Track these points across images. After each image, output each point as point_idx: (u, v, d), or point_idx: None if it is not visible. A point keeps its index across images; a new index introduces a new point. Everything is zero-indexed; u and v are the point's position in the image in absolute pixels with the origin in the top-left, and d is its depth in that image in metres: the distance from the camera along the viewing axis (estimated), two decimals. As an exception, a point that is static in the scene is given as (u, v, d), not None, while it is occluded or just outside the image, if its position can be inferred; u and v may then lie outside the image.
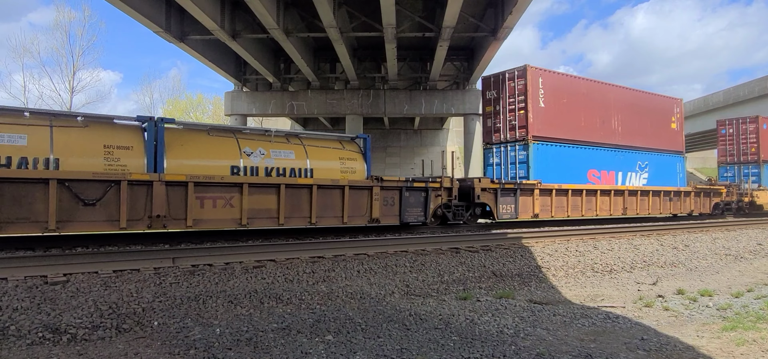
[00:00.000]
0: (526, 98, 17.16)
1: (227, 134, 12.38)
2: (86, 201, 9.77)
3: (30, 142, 9.66)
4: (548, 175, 17.32)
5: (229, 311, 6.91)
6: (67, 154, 9.92)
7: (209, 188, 11.00)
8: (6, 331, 5.63)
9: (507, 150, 17.95)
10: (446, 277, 9.57)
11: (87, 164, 10.05)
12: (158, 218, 10.41)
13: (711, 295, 8.94)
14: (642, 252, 13.00)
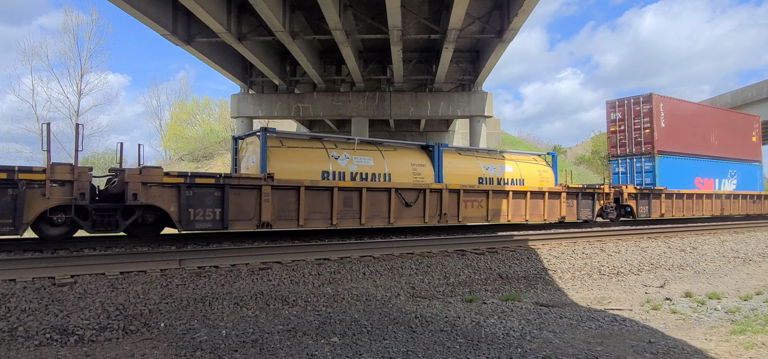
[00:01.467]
0: (652, 119, 21.19)
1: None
2: (407, 203, 13.72)
3: (375, 162, 14.24)
4: (668, 182, 21.09)
5: (235, 312, 6.93)
6: (394, 170, 14.43)
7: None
8: (14, 332, 5.67)
9: (632, 161, 21.89)
10: (452, 279, 9.55)
11: (406, 177, 14.58)
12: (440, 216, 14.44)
13: (719, 298, 8.87)
14: (649, 255, 12.92)
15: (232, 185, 11.16)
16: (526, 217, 15.96)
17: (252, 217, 11.40)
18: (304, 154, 13.41)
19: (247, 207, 11.35)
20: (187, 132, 56.34)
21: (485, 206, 15.14)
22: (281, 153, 12.94)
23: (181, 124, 58.03)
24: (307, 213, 12.07)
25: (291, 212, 11.91)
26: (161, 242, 11.17)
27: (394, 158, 14.85)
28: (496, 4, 23.53)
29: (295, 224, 11.96)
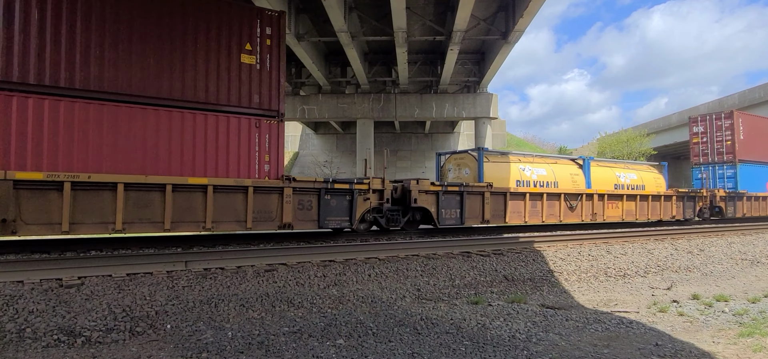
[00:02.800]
0: (733, 132, 24.68)
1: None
2: (571, 206, 17.40)
3: (547, 173, 17.56)
4: (746, 186, 24.40)
5: (241, 314, 6.94)
6: (560, 179, 17.66)
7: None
8: (22, 333, 5.71)
9: (714, 169, 25.24)
10: (457, 281, 9.54)
11: (568, 184, 17.83)
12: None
13: (727, 300, 8.81)
14: (656, 257, 12.86)
15: (468, 191, 14.88)
16: (648, 216, 19.81)
17: (477, 215, 15.17)
18: (504, 167, 16.65)
19: (475, 208, 15.11)
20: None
21: (620, 207, 18.88)
22: (489, 167, 16.33)
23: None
24: (510, 213, 15.82)
25: (500, 212, 15.71)
26: (168, 244, 11.23)
27: (559, 169, 18.24)
28: (502, 5, 23.51)
29: (502, 221, 15.81)
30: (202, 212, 10.76)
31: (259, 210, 11.47)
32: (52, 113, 9.53)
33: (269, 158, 11.99)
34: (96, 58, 10.03)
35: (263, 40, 11.96)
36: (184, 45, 10.98)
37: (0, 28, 9.17)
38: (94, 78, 9.98)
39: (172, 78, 10.81)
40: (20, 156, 9.24)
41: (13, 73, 9.29)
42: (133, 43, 10.41)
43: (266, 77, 12.01)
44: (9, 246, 9.95)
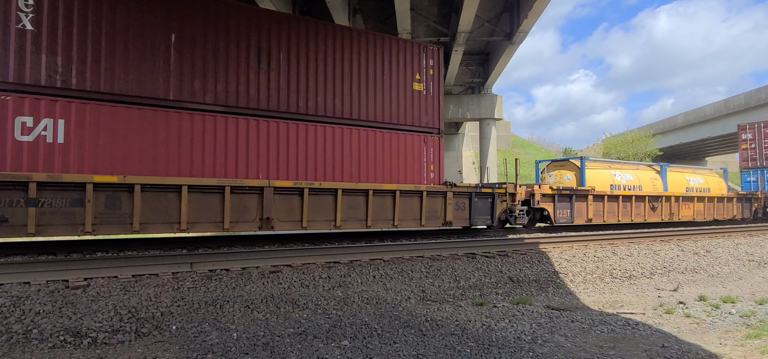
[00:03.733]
0: None
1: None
2: (653, 207, 20.02)
3: (633, 177, 20.03)
4: None
5: (246, 316, 6.95)
6: (643, 183, 20.27)
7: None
8: (29, 334, 5.74)
9: (764, 172, 27.62)
10: (462, 283, 9.52)
11: (650, 188, 20.42)
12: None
13: (734, 302, 8.76)
14: (662, 258, 12.80)
15: (576, 194, 17.49)
16: (714, 215, 22.51)
17: (582, 215, 17.64)
18: (600, 173, 19.13)
19: (582, 209, 17.65)
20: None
21: (691, 208, 21.61)
22: (589, 173, 18.69)
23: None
24: (607, 213, 18.29)
25: (600, 212, 18.26)
26: (174, 245, 11.26)
27: (642, 174, 20.72)
28: (506, 6, 23.49)
29: (601, 220, 18.17)
30: (391, 212, 13.34)
31: (429, 210, 14.01)
32: (313, 135, 12.69)
33: (433, 168, 14.60)
34: (322, 94, 12.99)
35: (427, 69, 14.77)
36: (374, 78, 13.80)
37: (258, 71, 12.10)
38: (319, 108, 12.90)
39: (367, 104, 13.64)
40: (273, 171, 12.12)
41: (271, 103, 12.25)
42: (344, 79, 13.36)
43: (430, 101, 14.76)
44: (16, 247, 10.01)
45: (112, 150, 10.22)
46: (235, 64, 11.71)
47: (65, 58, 9.92)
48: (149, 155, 10.58)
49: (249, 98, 11.85)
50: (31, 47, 9.63)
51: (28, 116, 9.48)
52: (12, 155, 9.31)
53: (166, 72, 10.96)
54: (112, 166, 10.19)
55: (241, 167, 11.60)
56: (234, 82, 11.68)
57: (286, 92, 12.38)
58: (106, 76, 10.29)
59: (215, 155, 11.31)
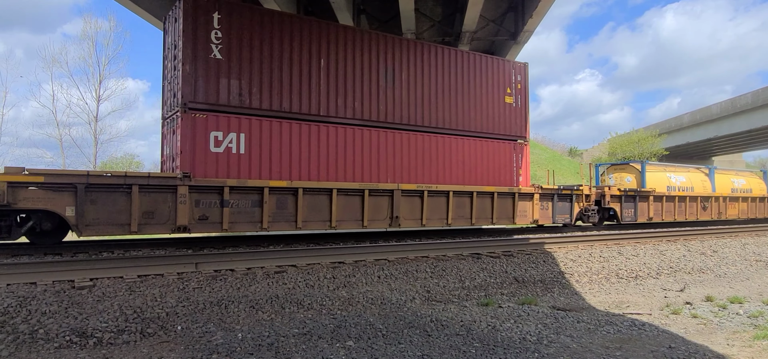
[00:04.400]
0: None
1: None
2: (704, 206, 21.77)
3: (686, 179, 21.77)
4: None
5: (251, 316, 6.96)
6: (694, 185, 21.94)
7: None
8: (35, 334, 5.76)
9: None
10: (467, 283, 9.49)
11: (701, 189, 22.11)
12: None
13: (741, 302, 8.69)
14: (668, 258, 12.72)
15: (640, 195, 19.11)
16: (756, 214, 24.52)
17: (644, 214, 19.31)
18: (658, 176, 20.83)
19: (644, 208, 19.33)
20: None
21: (737, 207, 23.48)
22: (648, 176, 20.23)
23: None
24: (665, 212, 20.15)
25: (659, 211, 19.87)
26: (178, 245, 11.29)
27: (693, 176, 22.43)
28: (511, 6, 23.42)
29: (660, 218, 19.97)
30: (490, 211, 15.03)
31: (520, 210, 15.81)
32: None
33: (521, 172, 16.46)
34: (435, 107, 14.93)
35: (516, 84, 16.67)
36: (474, 92, 15.62)
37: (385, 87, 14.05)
38: (433, 120, 14.83)
39: (469, 116, 15.48)
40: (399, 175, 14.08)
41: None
42: (451, 94, 15.27)
43: (519, 112, 16.62)
44: (22, 248, 10.06)
45: (279, 159, 12.13)
46: (368, 83, 13.71)
47: (245, 81, 11.86)
48: (306, 162, 12.48)
49: (378, 112, 13.81)
50: (220, 73, 11.52)
51: (219, 131, 11.40)
52: (208, 165, 11.21)
53: (317, 92, 12.89)
54: (279, 173, 12.12)
55: (373, 172, 13.55)
56: (367, 99, 13.66)
57: (407, 106, 14.35)
58: (274, 96, 12.23)
59: (353, 163, 13.23)
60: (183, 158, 10.95)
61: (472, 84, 15.63)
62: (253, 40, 11.95)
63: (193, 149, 11.04)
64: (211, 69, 11.37)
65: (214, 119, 11.31)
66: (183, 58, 11.09)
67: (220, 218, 10.94)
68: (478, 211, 14.72)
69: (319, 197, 12.19)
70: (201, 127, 11.15)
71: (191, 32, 11.20)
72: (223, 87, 11.52)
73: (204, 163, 11.13)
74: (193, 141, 11.05)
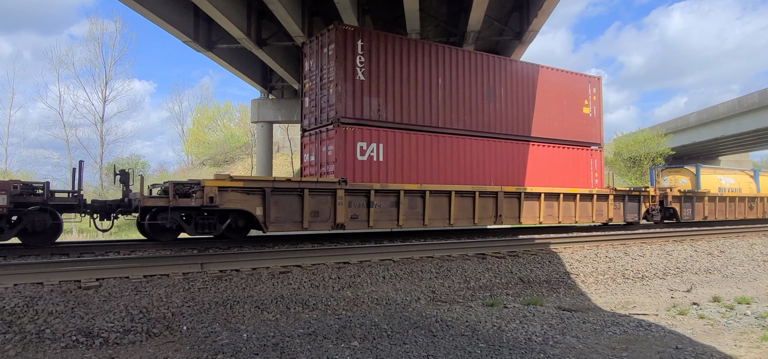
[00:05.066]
0: None
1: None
2: (750, 206, 22.95)
3: (734, 181, 23.80)
4: None
5: (256, 316, 6.97)
6: (742, 186, 23.79)
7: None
8: (42, 334, 5.79)
9: None
10: (473, 283, 9.47)
11: (748, 190, 24.17)
12: None
13: (749, 303, 8.63)
14: (675, 258, 12.65)
15: (696, 196, 20.71)
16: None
17: (700, 213, 20.69)
18: (710, 178, 22.62)
19: (699, 208, 20.81)
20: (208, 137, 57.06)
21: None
22: (703, 178, 22.12)
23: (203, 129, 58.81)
24: (717, 212, 21.50)
25: (712, 210, 21.29)
26: (183, 245, 11.32)
27: (739, 178, 24.24)
28: (516, 5, 23.36)
29: (714, 217, 21.22)
30: (573, 211, 16.71)
31: (598, 210, 17.37)
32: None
33: (597, 175, 18.46)
34: (527, 119, 16.96)
35: (591, 96, 18.69)
36: (559, 105, 17.71)
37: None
38: (526, 130, 16.87)
39: (554, 125, 17.48)
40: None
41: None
42: (541, 107, 17.24)
43: (594, 121, 18.62)
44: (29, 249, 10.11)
45: (409, 165, 14.22)
46: (474, 98, 15.67)
47: (381, 99, 13.89)
48: (427, 168, 14.50)
49: (482, 124, 15.80)
50: (363, 92, 13.57)
51: (363, 141, 13.45)
52: (356, 171, 13.26)
53: (436, 107, 14.92)
54: (408, 177, 14.13)
55: (479, 176, 15.49)
56: (473, 112, 15.63)
57: (505, 117, 16.28)
58: (403, 111, 14.27)
59: (464, 168, 15.20)
60: (337, 166, 13.06)
61: (557, 97, 17.63)
62: (387, 62, 14.03)
63: (344, 158, 13.11)
64: (357, 88, 13.43)
65: (359, 132, 13.38)
66: (335, 80, 13.24)
67: (367, 217, 12.87)
68: (563, 211, 16.48)
69: (441, 197, 14.05)
70: (350, 138, 13.26)
71: (342, 58, 13.27)
72: (365, 104, 13.61)
73: (353, 169, 13.20)
74: (345, 151, 13.12)
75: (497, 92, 16.13)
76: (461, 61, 15.50)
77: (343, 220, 12.44)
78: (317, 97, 14.05)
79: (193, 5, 20.99)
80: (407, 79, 14.38)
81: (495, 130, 16.02)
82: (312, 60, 14.42)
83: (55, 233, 10.33)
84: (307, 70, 14.76)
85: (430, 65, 14.84)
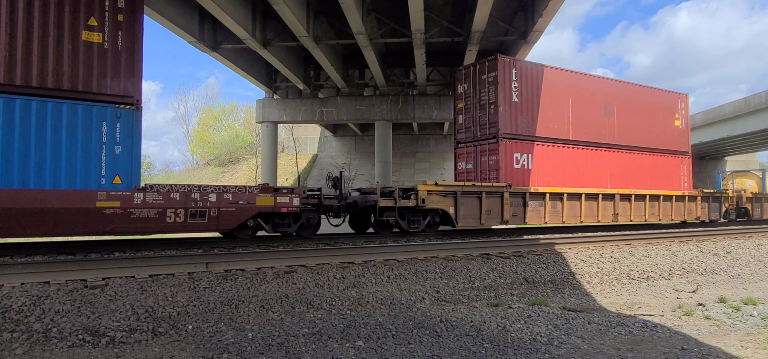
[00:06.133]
0: None
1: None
2: None
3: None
4: None
5: (261, 315, 6.99)
6: None
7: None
8: (48, 333, 5.83)
9: None
10: (477, 283, 9.47)
11: None
12: None
13: (755, 304, 8.59)
14: (680, 259, 12.59)
15: (765, 197, 23.65)
16: None
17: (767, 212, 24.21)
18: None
19: (767, 208, 24.25)
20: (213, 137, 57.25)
21: None
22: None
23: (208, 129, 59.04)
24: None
25: None
26: (189, 245, 11.36)
27: None
28: (520, 5, 23.33)
29: None
30: (670, 210, 19.93)
31: (688, 210, 20.46)
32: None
33: (686, 179, 21.23)
34: (634, 131, 19.88)
35: (681, 110, 21.54)
36: (655, 118, 20.53)
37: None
38: (632, 139, 19.77)
39: (651, 136, 20.28)
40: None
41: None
42: (643, 120, 20.22)
43: (683, 132, 21.55)
44: (36, 247, 10.18)
45: (550, 172, 17.18)
46: (594, 114, 18.60)
47: (530, 117, 16.94)
48: (561, 174, 17.40)
49: (600, 136, 18.70)
50: (517, 112, 16.64)
51: (517, 152, 16.55)
52: (514, 177, 16.31)
53: (567, 122, 17.89)
54: (549, 182, 17.13)
55: (599, 181, 18.33)
56: (593, 126, 18.53)
57: (618, 131, 19.23)
58: (543, 126, 17.22)
59: (588, 174, 18.11)
60: (500, 173, 16.10)
61: (654, 112, 20.48)
62: (532, 86, 16.94)
63: (505, 167, 16.15)
64: (512, 109, 16.49)
65: (514, 145, 16.45)
66: (497, 102, 16.32)
67: (523, 214, 16.02)
68: (663, 210, 19.55)
69: (573, 200, 17.25)
70: (509, 150, 16.30)
71: (502, 84, 16.33)
72: (519, 121, 16.58)
73: (511, 176, 16.23)
74: (505, 161, 16.19)
75: (611, 109, 19.09)
76: (585, 82, 18.60)
77: (508, 217, 15.59)
78: (474, 115, 17.24)
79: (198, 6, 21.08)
80: (544, 98, 17.22)
81: (609, 141, 18.94)
82: (466, 84, 17.61)
83: (317, 227, 13.33)
84: (461, 92, 17.92)
85: (561, 87, 17.69)
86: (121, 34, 10.27)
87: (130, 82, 10.29)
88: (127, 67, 10.31)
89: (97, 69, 9.97)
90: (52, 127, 9.49)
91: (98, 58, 9.99)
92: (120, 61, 10.23)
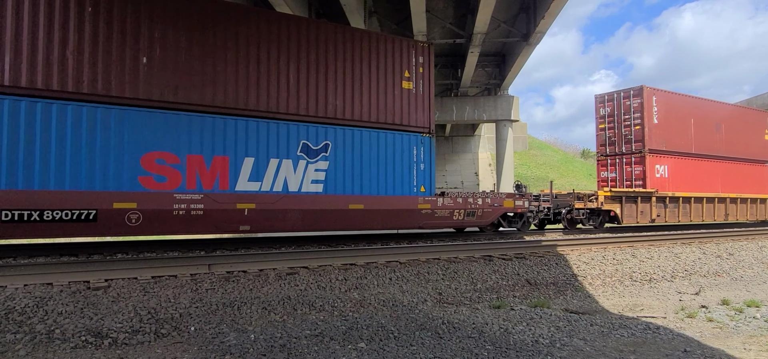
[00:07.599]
0: None
1: None
2: None
3: None
4: None
5: (264, 317, 6.99)
6: None
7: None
8: (51, 334, 5.84)
9: None
10: (479, 285, 9.46)
11: None
12: None
13: (758, 306, 8.57)
14: (683, 261, 12.57)
15: None
16: None
17: None
18: None
19: None
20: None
21: None
22: None
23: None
24: None
25: None
26: (192, 247, 11.38)
27: None
28: (523, 7, 23.34)
29: None
30: (746, 211, 22.41)
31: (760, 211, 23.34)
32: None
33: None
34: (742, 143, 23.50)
35: (766, 126, 24.70)
36: (746, 133, 23.51)
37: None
38: (736, 151, 22.89)
39: (748, 147, 23.51)
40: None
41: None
42: (741, 135, 23.19)
43: None
44: (40, 249, 10.21)
45: (680, 179, 20.15)
46: (708, 131, 21.66)
47: (667, 135, 20.04)
48: (682, 181, 20.34)
49: (713, 149, 21.73)
50: (657, 132, 19.74)
51: (658, 164, 19.74)
52: (655, 184, 19.45)
53: (690, 138, 21.03)
54: (679, 187, 20.12)
55: (716, 186, 21.39)
56: (708, 141, 21.61)
57: (726, 144, 22.26)
58: (674, 143, 20.39)
59: (704, 181, 21.02)
60: (647, 181, 19.25)
61: (749, 128, 23.69)
62: (666, 110, 20.13)
63: (650, 176, 19.36)
64: (653, 130, 19.65)
65: (656, 158, 19.65)
66: (642, 123, 19.58)
67: (664, 214, 19.36)
68: (758, 210, 22.94)
69: (697, 203, 20.50)
70: (652, 162, 19.53)
71: (647, 109, 19.54)
72: (658, 138, 19.76)
73: (654, 183, 19.38)
74: (650, 171, 19.38)
75: (721, 126, 22.32)
76: (703, 105, 21.83)
77: (654, 217, 19.04)
78: (618, 133, 20.58)
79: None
80: (677, 120, 20.49)
81: (720, 153, 21.97)
82: (609, 107, 20.99)
83: (529, 224, 16.69)
84: (606, 114, 21.20)
85: (687, 110, 20.98)
86: (422, 82, 13.92)
87: (425, 116, 13.89)
88: (425, 105, 13.90)
89: (410, 108, 13.63)
90: (386, 150, 13.19)
91: (409, 100, 13.66)
92: (421, 101, 13.84)
